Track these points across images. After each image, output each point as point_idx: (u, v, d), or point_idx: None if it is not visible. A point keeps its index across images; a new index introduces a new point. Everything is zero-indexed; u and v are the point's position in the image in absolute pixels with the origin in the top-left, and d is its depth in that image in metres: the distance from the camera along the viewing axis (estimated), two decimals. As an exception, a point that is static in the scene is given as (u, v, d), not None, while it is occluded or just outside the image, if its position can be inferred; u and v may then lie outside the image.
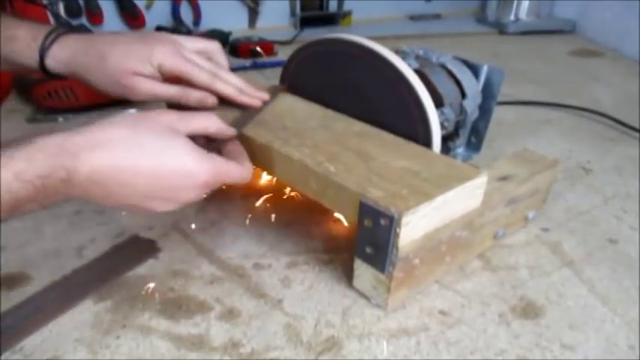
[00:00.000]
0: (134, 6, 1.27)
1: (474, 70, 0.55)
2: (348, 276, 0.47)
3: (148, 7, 1.30)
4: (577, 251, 0.50)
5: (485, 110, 0.56)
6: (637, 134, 0.74)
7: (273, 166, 0.46)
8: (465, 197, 0.41)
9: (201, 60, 0.50)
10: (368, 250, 0.40)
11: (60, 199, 0.34)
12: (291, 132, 0.47)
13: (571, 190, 0.61)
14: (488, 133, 0.58)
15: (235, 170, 0.40)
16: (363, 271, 0.42)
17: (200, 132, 0.41)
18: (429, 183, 0.39)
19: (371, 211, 0.37)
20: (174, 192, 0.38)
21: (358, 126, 0.49)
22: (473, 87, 0.54)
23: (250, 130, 0.47)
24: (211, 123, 0.41)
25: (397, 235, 0.37)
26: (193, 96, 0.49)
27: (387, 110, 0.49)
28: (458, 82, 0.53)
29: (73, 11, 1.21)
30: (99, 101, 0.81)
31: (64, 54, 0.49)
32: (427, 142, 0.46)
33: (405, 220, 0.36)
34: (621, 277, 0.47)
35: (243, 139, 0.47)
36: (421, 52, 0.57)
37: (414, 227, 0.38)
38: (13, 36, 0.49)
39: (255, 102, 0.52)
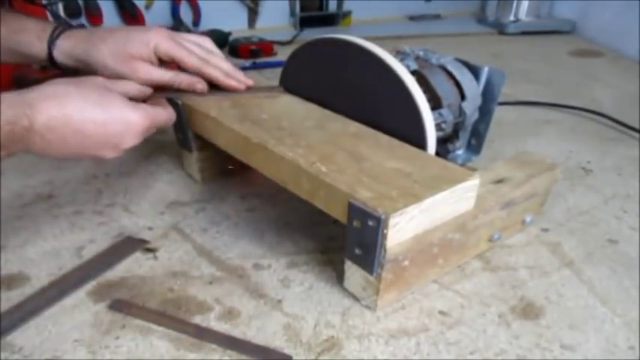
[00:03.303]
0: (134, 6, 1.27)
1: (475, 71, 0.55)
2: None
3: (148, 7, 1.30)
4: (577, 251, 0.50)
5: (485, 112, 0.56)
6: (637, 134, 0.74)
7: (266, 165, 0.46)
8: (455, 200, 0.41)
9: (193, 47, 0.54)
10: (357, 251, 0.40)
11: (22, 149, 0.40)
12: (287, 132, 0.47)
13: (571, 191, 0.61)
14: (488, 134, 0.58)
15: (163, 113, 0.47)
16: (353, 273, 0.42)
17: (123, 93, 0.46)
18: (419, 185, 0.39)
19: (359, 211, 0.37)
20: (120, 139, 0.44)
21: (354, 127, 0.49)
22: (473, 89, 0.54)
23: (246, 129, 0.47)
24: (131, 87, 0.48)
25: (385, 237, 0.36)
26: (185, 81, 0.53)
27: (382, 111, 0.49)
28: (457, 84, 0.53)
29: (72, 11, 1.21)
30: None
31: (68, 44, 0.52)
32: (422, 144, 0.46)
33: (392, 221, 0.36)
34: (621, 278, 0.47)
35: (237, 136, 0.48)
36: (421, 53, 0.57)
37: (402, 229, 0.37)
38: (23, 28, 0.53)
39: (239, 86, 0.56)
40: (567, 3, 1.36)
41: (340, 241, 0.51)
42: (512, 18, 1.36)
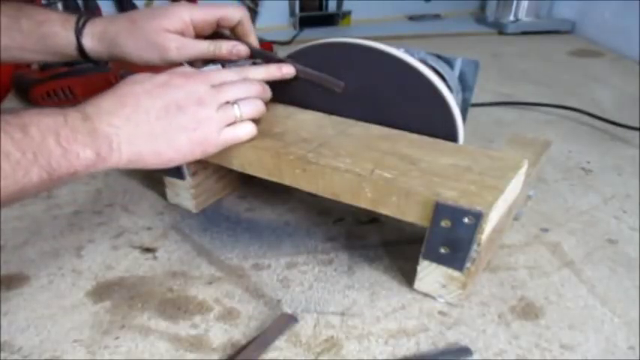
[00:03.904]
0: (133, 6, 1.27)
1: (449, 63, 0.55)
2: (347, 276, 0.47)
3: (147, 7, 1.30)
4: (576, 252, 0.50)
5: (462, 101, 0.56)
6: (637, 134, 0.74)
7: (310, 180, 0.44)
8: (517, 185, 0.43)
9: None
10: (442, 250, 0.40)
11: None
12: (316, 143, 0.46)
13: (570, 191, 0.61)
14: (487, 134, 0.58)
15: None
16: (431, 272, 0.42)
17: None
18: (488, 177, 0.40)
19: (450, 211, 0.37)
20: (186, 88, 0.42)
21: (375, 129, 0.48)
22: (454, 80, 0.54)
23: (273, 146, 0.45)
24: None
25: (482, 231, 0.37)
26: (224, 47, 0.51)
27: (405, 111, 0.48)
28: (442, 78, 0.53)
29: (71, 11, 1.21)
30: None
31: (97, 29, 0.51)
32: (454, 138, 0.47)
33: (491, 215, 0.37)
34: (621, 278, 0.47)
35: (263, 154, 0.45)
36: (402, 50, 0.56)
37: (491, 221, 0.39)
38: (47, 19, 0.51)
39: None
40: (567, 3, 1.36)
41: (340, 241, 0.51)
42: (511, 18, 1.36)
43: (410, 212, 0.40)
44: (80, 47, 0.51)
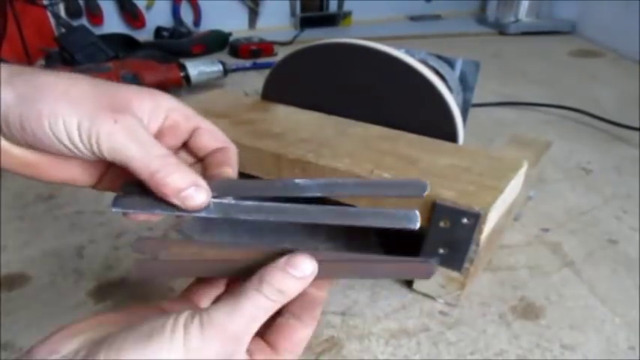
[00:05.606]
0: (134, 6, 1.27)
1: (450, 63, 0.55)
2: (348, 276, 0.47)
3: (149, 7, 1.30)
4: (577, 252, 0.50)
5: (463, 102, 0.56)
6: (637, 134, 0.74)
7: None
8: (516, 185, 0.43)
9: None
10: (441, 251, 0.40)
11: None
12: (315, 143, 0.46)
13: (571, 191, 0.61)
14: (487, 134, 0.58)
15: None
16: None
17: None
18: (487, 177, 0.40)
19: (449, 211, 0.37)
20: None
21: (374, 129, 0.49)
22: (454, 81, 0.54)
23: (274, 146, 0.45)
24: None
25: (481, 232, 0.37)
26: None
27: (406, 111, 0.48)
28: (443, 78, 0.53)
29: (73, 11, 1.21)
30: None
31: None
32: (453, 138, 0.47)
33: (489, 215, 0.37)
34: (621, 278, 0.47)
35: (264, 155, 0.45)
36: (403, 51, 0.57)
37: (490, 221, 0.39)
38: None
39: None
40: (567, 3, 1.36)
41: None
42: (512, 18, 1.36)
43: None
44: None
